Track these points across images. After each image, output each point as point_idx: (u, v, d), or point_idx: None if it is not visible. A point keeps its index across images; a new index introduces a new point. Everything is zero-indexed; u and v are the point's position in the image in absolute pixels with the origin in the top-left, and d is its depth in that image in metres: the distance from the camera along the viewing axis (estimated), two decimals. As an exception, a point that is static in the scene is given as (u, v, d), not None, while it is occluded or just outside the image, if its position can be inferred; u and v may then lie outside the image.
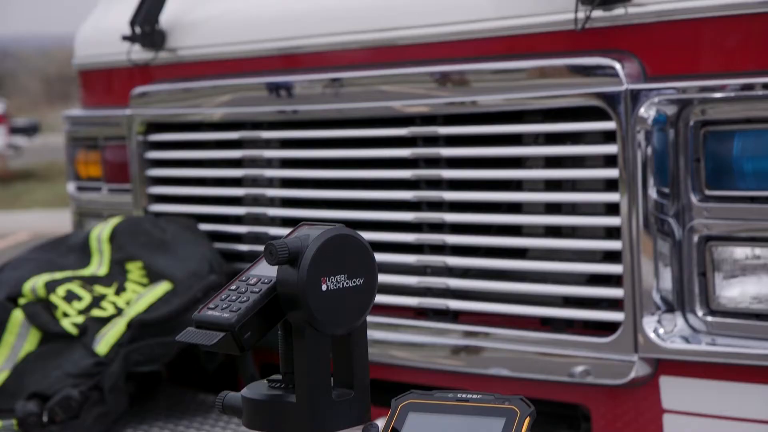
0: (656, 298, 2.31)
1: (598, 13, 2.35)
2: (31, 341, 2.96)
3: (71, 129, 3.60)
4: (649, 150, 2.29)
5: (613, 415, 2.44)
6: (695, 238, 2.28)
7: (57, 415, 2.73)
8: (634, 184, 2.31)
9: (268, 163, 3.02)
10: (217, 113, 3.10)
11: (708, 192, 2.27)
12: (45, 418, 2.75)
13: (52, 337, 2.93)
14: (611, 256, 2.41)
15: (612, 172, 2.36)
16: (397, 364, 2.72)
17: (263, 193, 3.03)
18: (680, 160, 2.28)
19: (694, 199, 2.28)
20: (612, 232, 2.41)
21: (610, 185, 2.38)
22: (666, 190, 2.30)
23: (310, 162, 2.92)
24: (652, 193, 2.30)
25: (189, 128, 3.21)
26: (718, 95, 2.22)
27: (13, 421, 2.80)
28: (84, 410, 2.74)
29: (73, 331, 2.90)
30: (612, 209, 2.38)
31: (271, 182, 3.03)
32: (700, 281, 2.29)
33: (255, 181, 3.06)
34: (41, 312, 2.95)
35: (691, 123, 2.26)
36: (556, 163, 2.51)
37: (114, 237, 3.13)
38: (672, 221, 2.30)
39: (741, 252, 2.25)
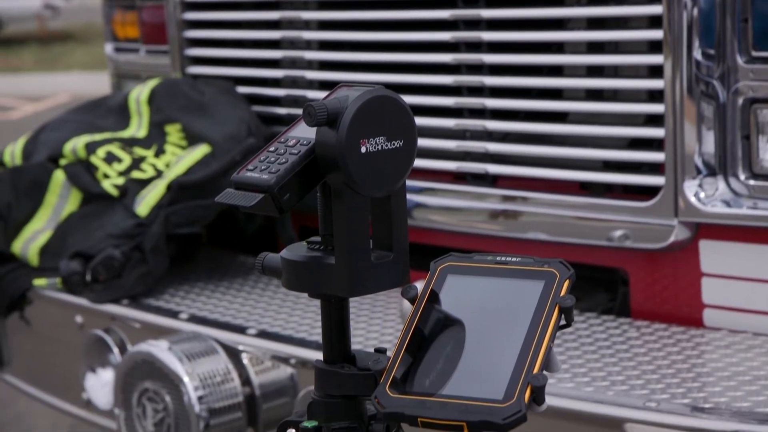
0: (698, 162, 2.29)
1: None
2: (72, 202, 2.99)
3: (108, -11, 3.56)
4: (695, 10, 2.24)
5: (652, 279, 2.44)
6: (740, 101, 2.24)
7: (100, 274, 2.77)
8: (678, 46, 2.26)
9: (306, 24, 2.99)
10: (254, -27, 3.05)
11: (755, 53, 2.22)
12: (88, 277, 2.79)
13: (93, 197, 2.96)
14: (653, 120, 2.38)
15: (656, 34, 2.31)
16: (435, 228, 2.72)
17: (301, 56, 3.00)
18: (727, 21, 2.23)
19: (740, 60, 2.23)
20: (654, 96, 2.37)
21: (654, 47, 2.34)
22: (711, 51, 2.25)
23: (348, 24, 2.88)
24: (697, 54, 2.26)
25: (226, -11, 3.17)
26: (768, -47, 2.16)
27: (57, 280, 2.85)
28: (126, 270, 2.78)
29: (114, 192, 2.93)
30: (655, 72, 2.34)
31: (309, 44, 3.00)
32: (743, 145, 2.26)
33: (293, 44, 3.03)
34: (82, 173, 2.97)
35: (739, -18, 2.21)
36: (599, 24, 2.46)
37: (152, 99, 3.12)
38: (716, 84, 2.26)
39: (786, 115, 2.22)
